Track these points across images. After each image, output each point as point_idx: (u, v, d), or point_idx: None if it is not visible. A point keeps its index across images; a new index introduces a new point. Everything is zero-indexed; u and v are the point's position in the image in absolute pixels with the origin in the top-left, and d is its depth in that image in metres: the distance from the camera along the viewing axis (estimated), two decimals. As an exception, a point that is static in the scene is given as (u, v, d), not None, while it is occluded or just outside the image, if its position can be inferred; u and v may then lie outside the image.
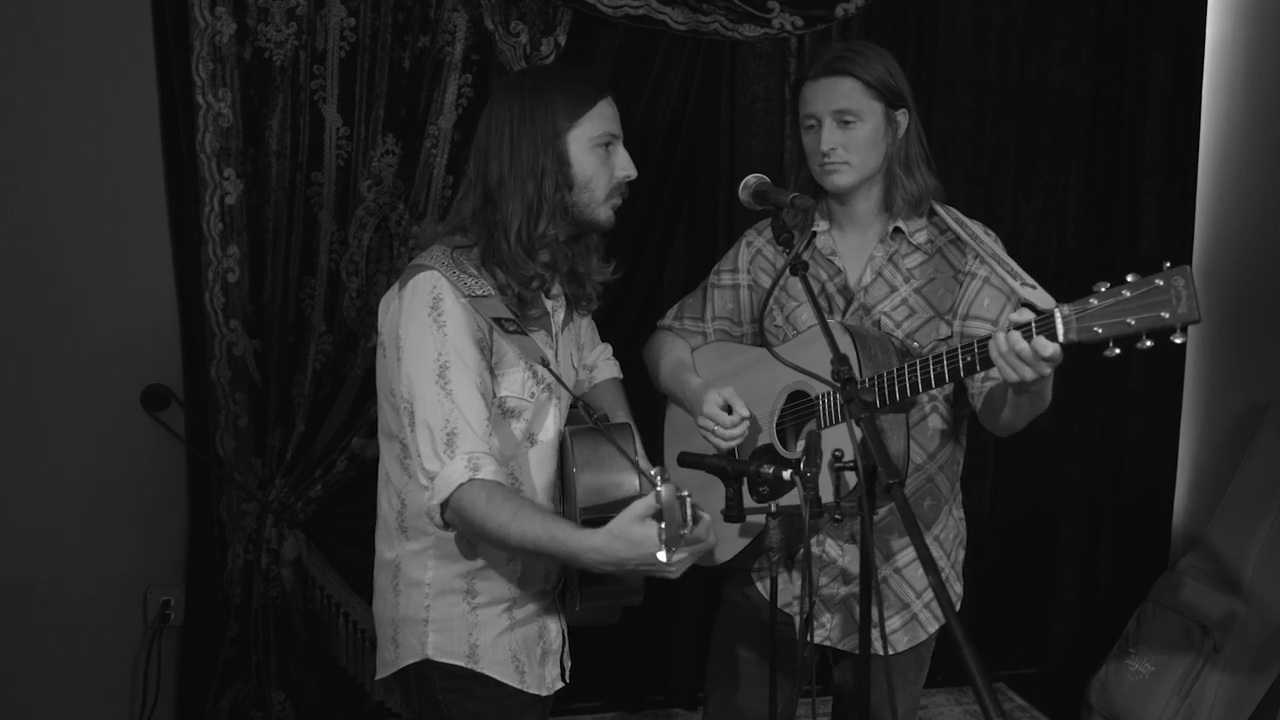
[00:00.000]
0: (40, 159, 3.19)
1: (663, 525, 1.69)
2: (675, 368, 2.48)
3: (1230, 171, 4.07)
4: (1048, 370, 1.86)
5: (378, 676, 2.21)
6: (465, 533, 2.02)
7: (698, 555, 1.84)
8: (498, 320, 2.04)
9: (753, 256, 2.49)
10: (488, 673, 2.13)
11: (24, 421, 3.26)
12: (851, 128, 2.23)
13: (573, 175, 2.05)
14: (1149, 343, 1.69)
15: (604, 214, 2.12)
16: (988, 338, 1.91)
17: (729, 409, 2.28)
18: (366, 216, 3.33)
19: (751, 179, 2.21)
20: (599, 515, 1.96)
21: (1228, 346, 4.13)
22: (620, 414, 2.31)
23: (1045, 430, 3.71)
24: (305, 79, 3.26)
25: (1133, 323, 1.70)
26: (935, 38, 3.77)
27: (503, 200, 2.03)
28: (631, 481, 2.02)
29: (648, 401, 2.63)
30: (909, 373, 2.04)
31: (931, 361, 2.01)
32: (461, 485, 1.92)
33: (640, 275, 3.61)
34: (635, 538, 1.78)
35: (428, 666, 2.13)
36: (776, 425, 2.29)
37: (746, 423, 2.25)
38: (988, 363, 1.90)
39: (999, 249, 2.21)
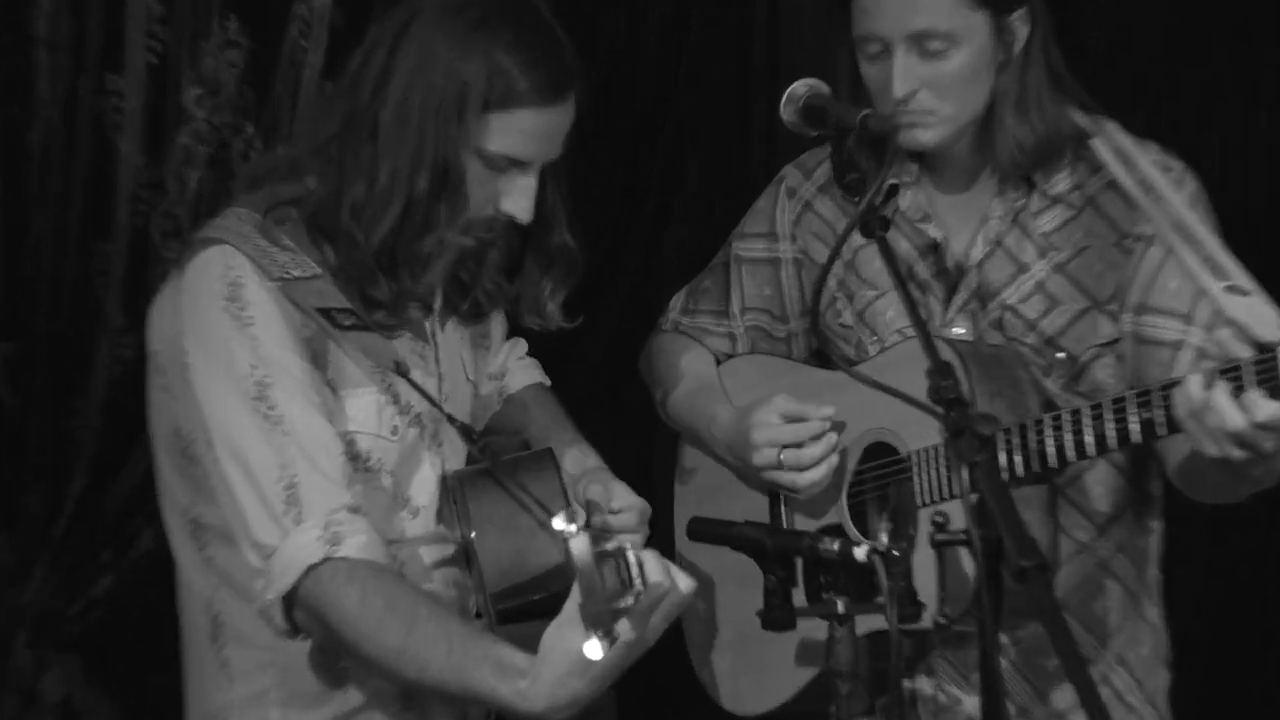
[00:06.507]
0: None
1: (580, 602, 1.59)
2: (695, 391, 2.35)
3: None
4: (1270, 444, 1.78)
5: None
6: (327, 644, 1.89)
7: (670, 613, 1.71)
8: (327, 312, 1.93)
9: (799, 213, 2.33)
10: None
11: None
12: (939, 59, 2.08)
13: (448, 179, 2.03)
14: None
15: (452, 241, 2.01)
16: (1172, 384, 1.86)
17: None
18: (195, 145, 2.99)
19: (800, 87, 2.04)
20: (519, 602, 1.95)
21: None
22: (542, 435, 2.24)
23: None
24: (92, -75, 2.96)
25: None
26: None
27: (368, 163, 1.93)
28: (555, 541, 1.93)
29: (645, 420, 2.50)
30: (1051, 432, 1.97)
31: (1088, 418, 1.94)
32: (315, 568, 1.81)
33: (621, 268, 3.34)
34: (583, 658, 1.65)
35: None
36: (850, 496, 2.18)
37: (832, 449, 2.11)
38: (1176, 425, 1.85)
39: (1186, 210, 2.03)
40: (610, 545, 1.61)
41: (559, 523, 1.59)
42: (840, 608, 1.81)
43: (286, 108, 3.00)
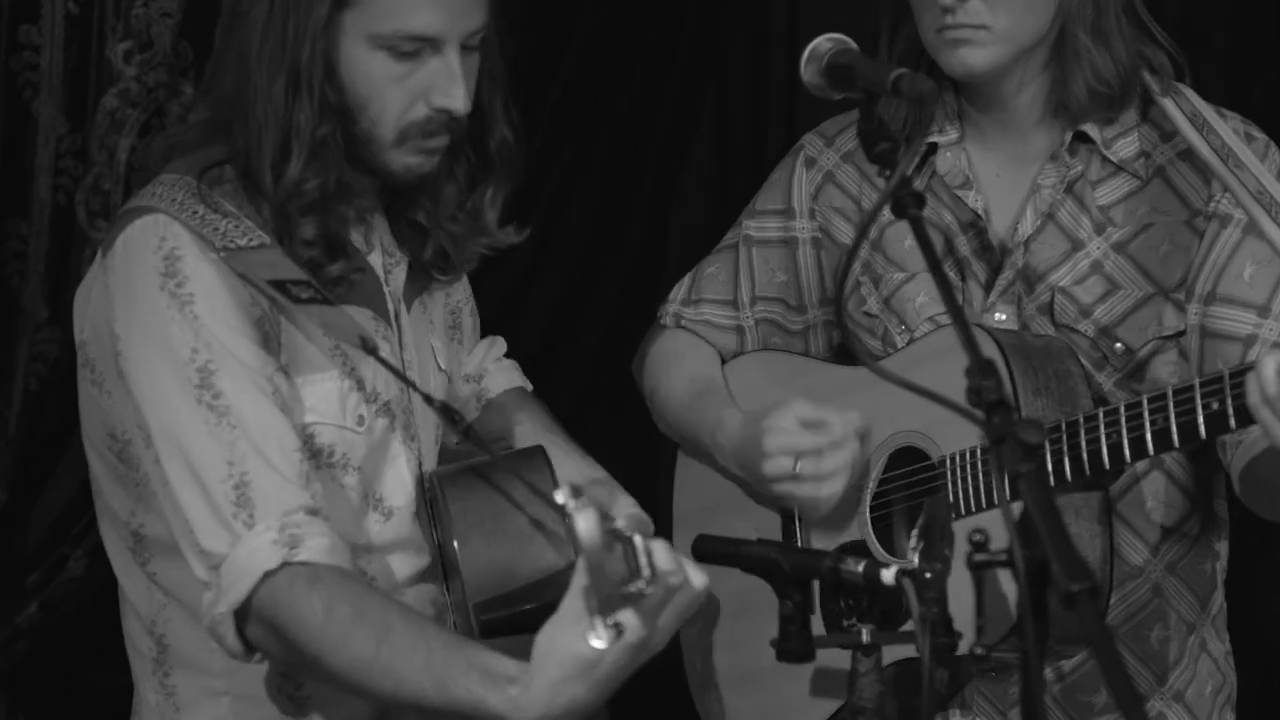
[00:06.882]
0: None
1: (587, 584, 1.52)
2: (697, 395, 2.28)
3: None
4: None
5: None
6: (287, 663, 1.81)
7: (681, 612, 1.61)
8: (280, 285, 1.84)
9: (820, 185, 2.27)
10: None
11: None
12: None
13: (343, 92, 1.86)
14: None
15: (397, 162, 1.91)
16: (1244, 370, 1.77)
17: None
18: (124, 109, 3.00)
19: (823, 43, 1.92)
20: (507, 612, 1.86)
21: None
22: (531, 443, 2.16)
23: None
24: None
25: None
26: None
27: (250, 102, 1.84)
28: (550, 544, 1.94)
29: (648, 419, 2.35)
30: (1105, 428, 1.90)
31: (1148, 409, 1.86)
32: (272, 574, 1.70)
33: (620, 251, 3.23)
34: (586, 656, 1.56)
35: None
36: (873, 508, 2.14)
37: (855, 459, 2.04)
38: (1247, 417, 1.76)
39: (1271, 180, 1.99)
40: (620, 523, 1.53)
41: (561, 496, 1.51)
42: (865, 636, 1.70)
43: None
